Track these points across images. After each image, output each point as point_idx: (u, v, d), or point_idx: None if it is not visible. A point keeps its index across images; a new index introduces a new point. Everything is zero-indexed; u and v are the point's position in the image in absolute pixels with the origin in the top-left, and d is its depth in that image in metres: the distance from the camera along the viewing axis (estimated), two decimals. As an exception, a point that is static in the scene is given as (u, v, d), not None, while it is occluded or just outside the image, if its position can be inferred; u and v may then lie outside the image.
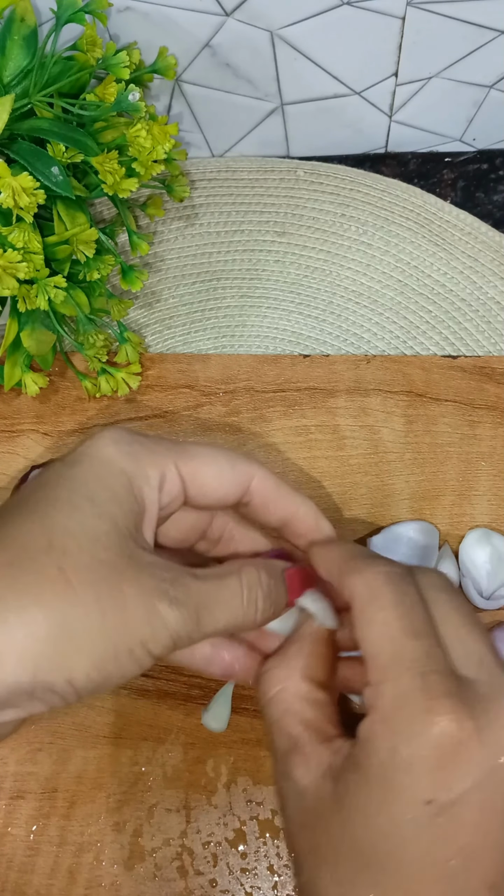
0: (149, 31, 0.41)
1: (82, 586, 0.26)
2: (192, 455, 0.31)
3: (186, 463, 0.31)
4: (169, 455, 0.31)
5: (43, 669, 0.25)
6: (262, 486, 0.32)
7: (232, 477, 0.32)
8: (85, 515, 0.28)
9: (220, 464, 0.32)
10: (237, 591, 0.30)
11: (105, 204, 0.47)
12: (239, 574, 0.30)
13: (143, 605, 0.27)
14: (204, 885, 0.37)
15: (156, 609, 0.27)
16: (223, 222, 0.48)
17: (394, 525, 0.41)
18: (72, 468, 0.30)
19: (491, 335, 0.45)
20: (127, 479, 0.29)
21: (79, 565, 0.26)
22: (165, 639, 0.27)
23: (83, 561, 0.27)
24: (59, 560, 0.26)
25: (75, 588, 0.26)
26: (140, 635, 0.27)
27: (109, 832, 0.38)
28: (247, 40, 0.42)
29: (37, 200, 0.34)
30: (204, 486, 0.31)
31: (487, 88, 0.45)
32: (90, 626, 0.26)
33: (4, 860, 0.37)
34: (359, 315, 0.46)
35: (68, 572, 0.26)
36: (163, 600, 0.27)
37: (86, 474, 0.29)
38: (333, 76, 0.44)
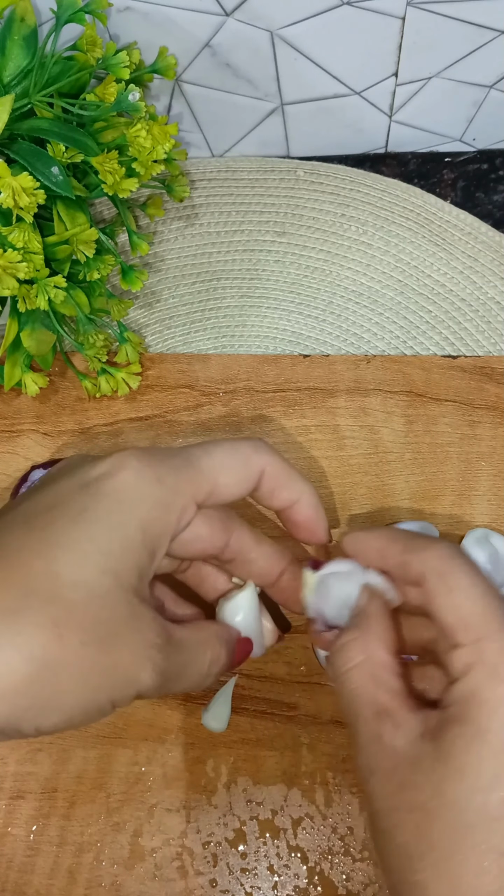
0: (149, 31, 0.41)
1: (76, 648, 0.27)
2: (209, 473, 0.32)
3: (202, 487, 0.32)
4: (189, 486, 0.31)
5: (16, 717, 0.26)
6: (271, 473, 0.33)
7: (245, 477, 0.33)
8: (95, 569, 0.28)
9: (235, 470, 0.32)
10: (203, 666, 0.32)
11: (105, 204, 0.47)
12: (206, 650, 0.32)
13: (129, 670, 0.28)
14: (204, 885, 0.37)
15: (139, 676, 0.29)
16: (223, 222, 0.48)
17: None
18: (90, 499, 0.30)
19: (491, 335, 0.45)
20: (144, 529, 0.30)
21: (76, 623, 0.27)
22: (131, 697, 0.29)
23: (84, 621, 0.27)
24: (58, 615, 0.27)
25: (66, 645, 0.27)
26: (114, 696, 0.28)
27: (109, 832, 0.38)
28: (247, 40, 0.42)
29: (37, 200, 0.34)
30: (218, 496, 0.32)
31: (487, 88, 0.45)
32: (70, 686, 0.27)
33: (4, 860, 0.37)
34: (359, 315, 0.46)
35: (63, 631, 0.27)
36: (147, 668, 0.29)
37: (102, 516, 0.29)
38: (333, 76, 0.44)
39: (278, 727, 0.39)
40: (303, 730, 0.39)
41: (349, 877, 0.37)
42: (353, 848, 0.37)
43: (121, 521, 0.29)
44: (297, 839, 0.37)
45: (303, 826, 0.37)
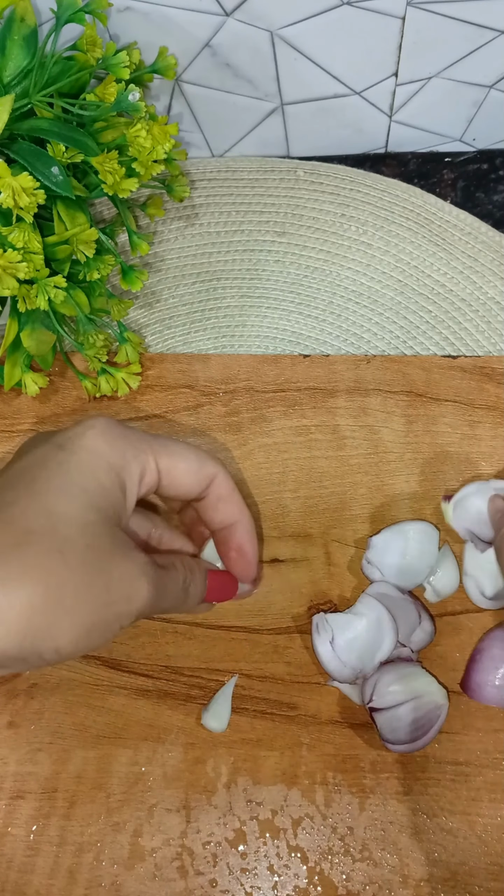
0: (149, 31, 0.41)
1: (78, 567, 0.30)
2: (170, 451, 0.35)
3: (164, 458, 0.35)
4: (150, 451, 0.35)
5: (36, 638, 0.29)
6: (219, 487, 0.37)
7: (199, 475, 0.36)
8: (81, 505, 0.32)
9: (190, 461, 0.36)
10: (178, 581, 0.35)
11: (105, 204, 0.47)
12: (179, 568, 0.36)
13: (128, 583, 0.31)
14: (204, 885, 0.37)
15: (138, 588, 0.32)
16: (223, 222, 0.48)
17: (394, 525, 0.41)
18: (66, 454, 0.33)
19: (491, 335, 0.45)
20: (115, 473, 0.33)
21: (76, 551, 0.30)
22: (135, 612, 0.32)
23: (80, 548, 0.30)
24: (60, 543, 0.30)
25: (72, 568, 0.30)
26: (120, 611, 0.31)
27: (109, 832, 0.38)
28: (247, 40, 0.42)
29: (37, 200, 0.34)
30: (175, 479, 0.35)
31: (487, 88, 0.45)
32: (81, 600, 0.30)
33: (4, 860, 0.37)
34: (359, 315, 0.46)
35: (68, 556, 0.30)
36: (143, 581, 0.32)
37: (79, 464, 0.33)
38: (333, 76, 0.44)
39: (278, 727, 0.39)
40: (303, 730, 0.39)
41: (349, 877, 0.37)
42: (353, 848, 0.37)
43: (95, 466, 0.33)
44: (297, 839, 0.37)
45: (303, 826, 0.37)
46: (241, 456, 0.43)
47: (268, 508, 0.42)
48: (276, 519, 0.42)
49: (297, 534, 0.41)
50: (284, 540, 0.41)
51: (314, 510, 0.42)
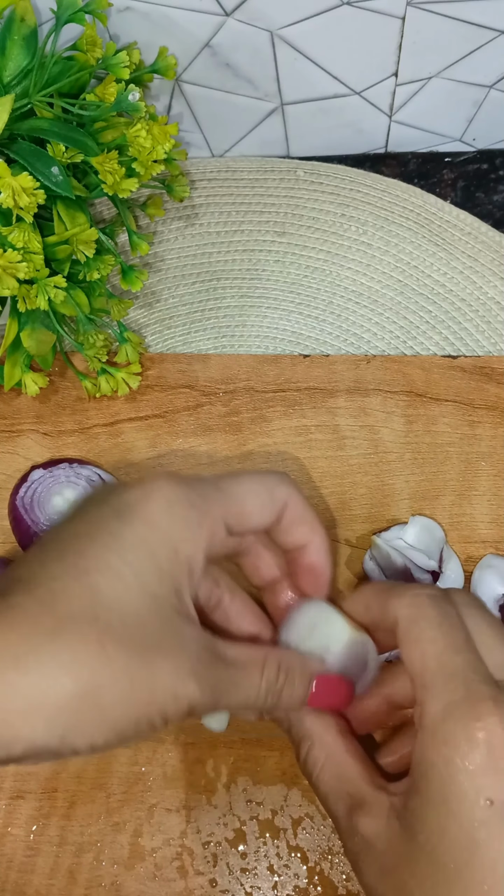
0: (149, 31, 0.41)
1: (118, 659, 0.27)
2: (236, 495, 0.32)
3: (232, 506, 0.32)
4: (217, 505, 0.32)
5: (70, 734, 0.26)
6: (293, 510, 0.34)
7: (271, 507, 0.33)
8: (129, 588, 0.29)
9: (261, 497, 0.33)
10: (255, 684, 0.31)
11: (105, 204, 0.47)
12: (262, 667, 0.31)
13: (173, 683, 0.28)
14: (204, 885, 0.37)
15: (185, 686, 0.28)
16: (223, 222, 0.48)
17: (397, 526, 0.41)
18: (121, 525, 0.30)
19: (491, 335, 0.45)
20: (175, 548, 0.30)
21: (118, 641, 0.27)
22: (183, 712, 0.29)
23: (123, 637, 0.28)
24: (101, 633, 0.27)
25: (111, 660, 0.27)
26: (163, 708, 0.28)
27: (109, 832, 0.38)
28: (247, 40, 0.42)
29: (37, 200, 0.34)
30: (244, 520, 0.33)
31: (487, 88, 0.45)
32: (120, 697, 0.27)
33: (4, 860, 0.37)
34: (359, 315, 0.46)
35: (107, 647, 0.27)
36: (190, 681, 0.28)
37: (134, 538, 0.30)
38: (333, 76, 0.44)
39: (278, 727, 0.39)
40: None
41: (349, 877, 0.37)
42: (353, 848, 0.37)
43: (154, 543, 0.30)
44: (297, 839, 0.37)
45: (303, 826, 0.37)
46: (241, 456, 0.43)
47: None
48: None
49: (297, 534, 0.41)
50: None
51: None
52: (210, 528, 0.31)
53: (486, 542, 0.41)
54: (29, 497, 0.41)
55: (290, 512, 0.34)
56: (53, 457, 0.43)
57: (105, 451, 0.43)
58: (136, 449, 0.43)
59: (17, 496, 0.41)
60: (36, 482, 0.41)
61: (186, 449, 0.43)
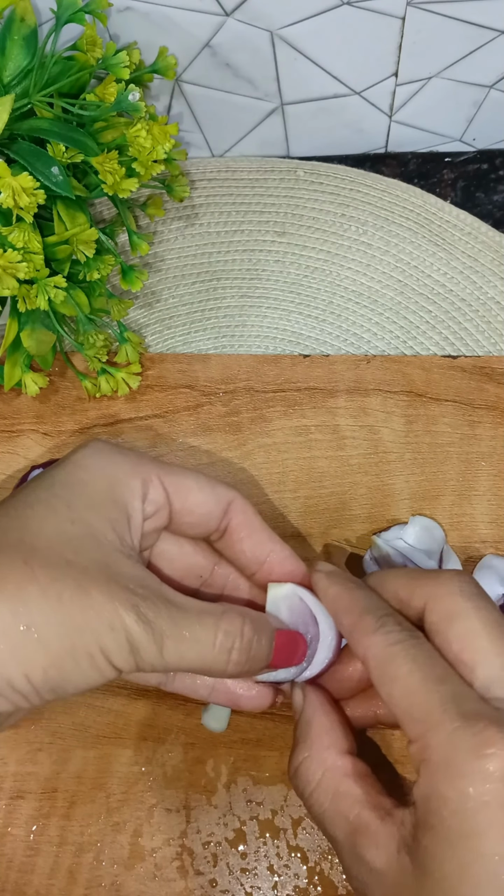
0: (149, 31, 0.41)
1: (47, 582, 0.26)
2: (175, 470, 0.32)
3: (169, 475, 0.32)
4: (152, 467, 0.31)
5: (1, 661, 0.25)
6: (240, 511, 0.33)
7: (213, 494, 0.32)
8: (60, 518, 0.28)
9: (201, 482, 0.32)
10: (210, 633, 0.29)
11: (105, 204, 0.47)
12: (219, 617, 0.29)
13: (108, 610, 0.26)
14: (204, 885, 0.37)
15: (120, 618, 0.27)
16: (223, 222, 0.48)
17: (397, 526, 0.41)
18: (53, 473, 0.30)
19: (491, 335, 0.45)
20: (107, 485, 0.30)
21: (47, 563, 0.26)
22: (126, 652, 0.27)
23: (52, 560, 0.27)
24: (27, 555, 0.26)
25: (39, 582, 0.26)
26: (100, 640, 0.26)
27: (109, 832, 0.38)
28: (247, 40, 0.42)
29: (37, 200, 0.34)
30: (187, 499, 0.32)
31: (487, 88, 0.45)
32: (50, 620, 0.26)
33: (4, 860, 0.37)
34: (359, 315, 0.46)
35: (35, 568, 0.26)
36: (129, 612, 0.27)
37: (66, 479, 0.30)
38: (333, 76, 0.44)
39: (278, 727, 0.39)
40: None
41: (349, 877, 0.37)
42: (353, 848, 0.37)
43: (86, 481, 0.30)
44: (297, 839, 0.37)
45: (303, 826, 0.37)
46: (241, 456, 0.43)
47: (268, 508, 0.42)
48: (276, 519, 0.42)
49: (297, 534, 0.41)
50: (284, 540, 0.41)
51: (314, 510, 0.42)
52: (145, 479, 0.31)
53: (486, 542, 0.41)
54: (29, 497, 0.41)
55: (238, 515, 0.33)
56: (53, 457, 0.43)
57: (105, 451, 0.43)
58: (136, 449, 0.43)
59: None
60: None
61: (186, 449, 0.43)
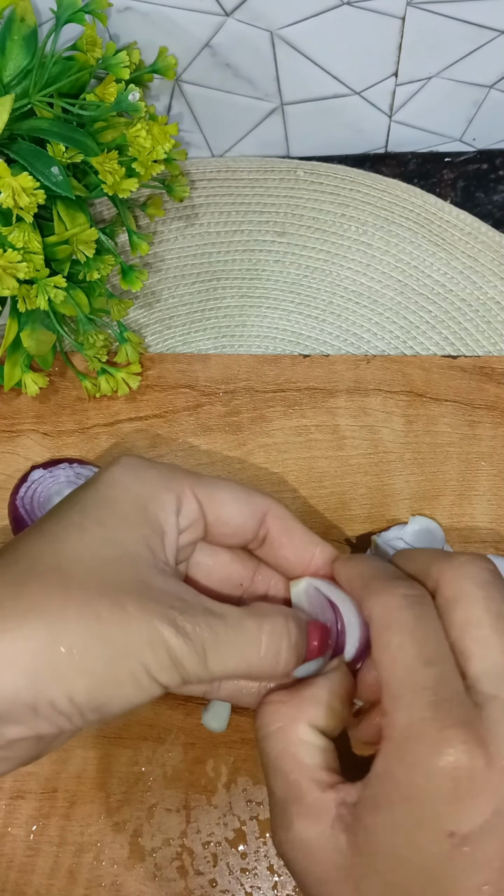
0: (149, 31, 0.41)
1: (83, 603, 0.26)
2: (208, 482, 0.32)
3: (202, 487, 0.31)
4: (184, 480, 0.31)
5: (43, 682, 0.25)
6: (277, 518, 0.32)
7: (248, 504, 0.32)
8: (93, 540, 0.28)
9: (235, 491, 0.32)
10: (254, 638, 0.29)
11: (105, 204, 0.47)
12: (261, 620, 0.29)
13: (146, 626, 0.26)
14: (204, 885, 0.37)
15: (159, 633, 0.26)
16: (223, 222, 0.48)
17: (397, 526, 0.41)
18: (85, 492, 0.30)
19: (491, 335, 0.45)
20: (139, 502, 0.29)
21: (83, 585, 0.26)
22: (169, 667, 0.27)
23: (88, 582, 0.27)
24: (64, 579, 0.26)
25: (77, 604, 0.26)
26: (141, 657, 0.26)
27: (109, 832, 0.38)
28: (247, 40, 0.42)
29: (37, 200, 0.34)
30: (221, 511, 0.31)
31: (487, 88, 0.45)
32: (89, 641, 0.26)
33: (4, 860, 0.37)
34: (359, 315, 0.46)
35: (72, 590, 0.26)
36: (167, 626, 0.27)
37: (97, 498, 0.29)
38: (333, 76, 0.44)
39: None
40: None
41: (349, 877, 0.37)
42: (353, 848, 0.37)
43: (118, 499, 0.29)
44: (297, 839, 0.37)
45: (303, 826, 0.37)
46: (241, 456, 0.43)
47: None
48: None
49: (297, 534, 0.41)
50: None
51: (314, 510, 0.42)
52: (178, 493, 0.30)
53: (486, 542, 0.41)
54: (29, 497, 0.41)
55: (276, 521, 0.32)
56: (53, 457, 0.43)
57: (105, 451, 0.43)
58: (136, 449, 0.43)
59: (18, 496, 0.41)
60: (36, 482, 0.41)
61: (186, 449, 0.43)
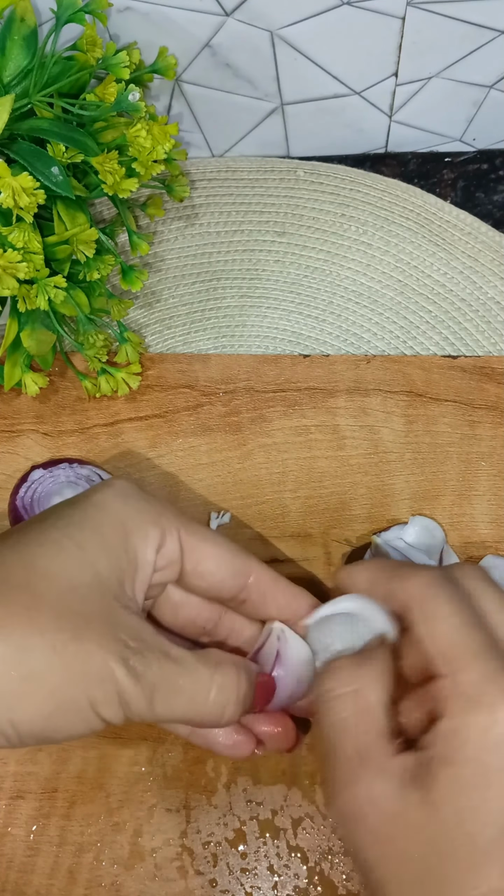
0: (149, 31, 0.41)
1: (46, 632, 0.26)
2: (197, 530, 0.31)
3: (190, 535, 0.31)
4: (175, 520, 0.31)
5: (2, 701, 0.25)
6: (261, 580, 0.32)
7: (231, 565, 0.32)
8: (69, 561, 0.28)
9: (222, 548, 0.32)
10: (204, 686, 0.29)
11: (105, 204, 0.47)
12: (214, 671, 0.29)
13: (100, 662, 0.26)
14: (204, 885, 0.37)
15: (111, 672, 0.27)
16: (223, 222, 0.48)
17: (397, 526, 0.41)
18: (71, 509, 0.30)
19: (491, 335, 0.45)
20: (124, 532, 0.29)
21: (50, 610, 0.26)
22: (115, 706, 0.27)
23: (55, 607, 0.27)
24: (31, 601, 0.26)
25: (40, 631, 0.26)
26: (90, 694, 0.26)
27: (109, 832, 0.38)
28: (247, 40, 0.42)
29: (37, 200, 0.34)
30: (202, 564, 0.31)
31: (487, 88, 0.45)
32: (43, 671, 0.26)
33: (4, 860, 0.37)
34: (359, 315, 0.46)
35: (36, 616, 0.26)
36: (120, 665, 0.27)
37: (82, 518, 0.29)
38: (333, 76, 0.44)
39: (278, 727, 0.39)
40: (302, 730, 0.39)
41: (349, 877, 0.37)
42: (353, 848, 0.37)
43: (100, 522, 0.29)
44: (297, 839, 0.37)
45: (303, 826, 0.37)
46: (241, 456, 0.43)
47: (268, 508, 0.42)
48: (276, 519, 0.42)
49: (297, 534, 0.41)
50: (284, 540, 0.41)
51: (314, 510, 0.42)
52: (164, 530, 0.30)
53: (486, 542, 0.41)
54: (29, 497, 0.41)
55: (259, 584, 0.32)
56: (53, 457, 0.43)
57: (105, 451, 0.43)
58: (136, 449, 0.43)
59: (17, 496, 0.41)
60: (36, 482, 0.41)
61: (186, 449, 0.43)
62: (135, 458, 0.43)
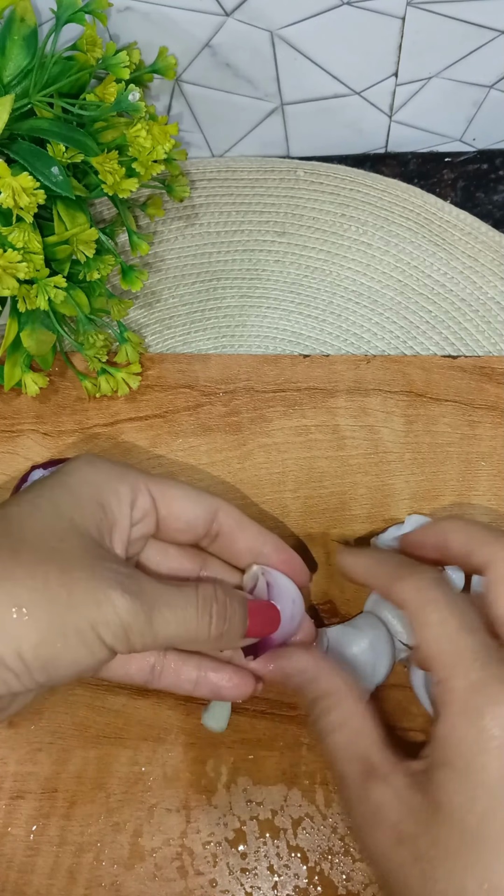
0: (149, 31, 0.41)
1: (33, 566, 0.28)
2: (161, 480, 0.34)
3: (156, 484, 0.34)
4: (141, 476, 0.33)
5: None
6: (227, 517, 0.35)
7: (199, 504, 0.34)
8: (45, 514, 0.30)
9: (186, 491, 0.34)
10: (191, 600, 0.31)
11: (105, 204, 0.47)
12: (195, 586, 0.31)
13: (94, 588, 0.28)
14: (204, 885, 0.37)
15: (106, 594, 0.28)
16: (223, 222, 0.48)
17: (394, 526, 0.41)
18: (44, 480, 0.32)
19: (491, 335, 0.45)
20: (95, 490, 0.31)
21: (32, 549, 0.28)
22: (116, 626, 0.28)
23: (37, 546, 0.28)
24: (14, 544, 0.28)
25: (25, 566, 0.28)
26: (89, 616, 0.28)
27: (109, 832, 0.38)
28: (247, 40, 0.42)
29: (37, 200, 0.34)
30: (174, 509, 0.34)
31: (487, 88, 0.45)
32: (38, 601, 0.27)
33: (4, 860, 0.37)
34: (359, 315, 0.46)
35: (21, 555, 0.28)
36: (115, 587, 0.28)
37: (54, 483, 0.31)
38: (333, 76, 0.44)
39: (278, 727, 0.39)
40: (303, 730, 0.39)
41: (349, 877, 0.37)
42: (352, 848, 0.37)
43: (72, 484, 0.31)
44: (297, 839, 0.37)
45: (303, 826, 0.37)
46: (241, 456, 0.43)
47: (268, 508, 0.42)
48: (276, 519, 0.42)
49: (297, 534, 0.41)
50: (284, 540, 0.41)
51: (314, 510, 0.42)
52: (133, 486, 0.32)
53: (486, 542, 0.41)
54: (29, 497, 0.41)
55: (226, 518, 0.35)
56: (53, 457, 0.43)
57: (105, 451, 0.43)
58: (136, 449, 0.43)
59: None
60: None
61: (186, 449, 0.43)
62: (135, 458, 0.43)
